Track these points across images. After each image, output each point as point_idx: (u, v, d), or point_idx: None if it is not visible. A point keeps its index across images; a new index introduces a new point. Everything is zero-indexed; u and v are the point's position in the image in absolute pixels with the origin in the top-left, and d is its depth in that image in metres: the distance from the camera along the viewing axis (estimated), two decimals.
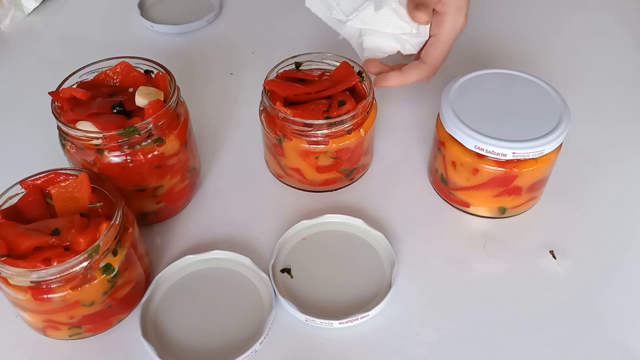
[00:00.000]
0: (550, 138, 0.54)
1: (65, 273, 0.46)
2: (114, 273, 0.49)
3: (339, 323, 0.52)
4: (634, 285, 0.56)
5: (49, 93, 0.55)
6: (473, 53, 0.80)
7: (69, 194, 0.51)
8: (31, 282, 0.46)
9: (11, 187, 0.51)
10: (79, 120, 0.53)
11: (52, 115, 0.54)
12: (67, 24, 0.88)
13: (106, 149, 0.53)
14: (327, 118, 0.58)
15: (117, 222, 0.49)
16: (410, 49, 0.64)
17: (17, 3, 0.86)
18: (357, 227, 0.59)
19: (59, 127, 0.54)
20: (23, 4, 0.86)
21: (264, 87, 0.60)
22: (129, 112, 0.55)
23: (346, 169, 0.62)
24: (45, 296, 0.47)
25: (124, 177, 0.55)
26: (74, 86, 0.56)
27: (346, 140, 0.59)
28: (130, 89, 0.57)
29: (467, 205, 0.61)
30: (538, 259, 0.58)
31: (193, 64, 0.80)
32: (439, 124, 0.59)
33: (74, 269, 0.46)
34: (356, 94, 0.61)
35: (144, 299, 0.53)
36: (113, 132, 0.52)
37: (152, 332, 0.52)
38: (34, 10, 0.88)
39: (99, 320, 0.51)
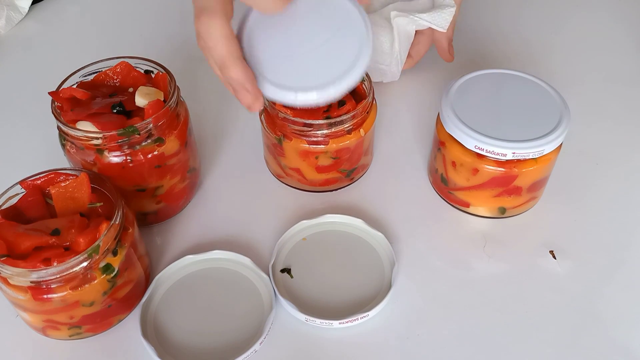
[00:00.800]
0: (550, 138, 0.54)
1: (65, 273, 0.46)
2: (114, 273, 0.49)
3: (339, 323, 0.52)
4: (634, 285, 0.56)
5: (49, 93, 0.55)
6: (473, 53, 0.80)
7: (69, 194, 0.51)
8: (31, 282, 0.46)
9: (11, 187, 0.51)
10: (79, 120, 0.53)
11: (52, 115, 0.54)
12: (66, 23, 0.88)
13: (106, 149, 0.53)
14: (327, 118, 0.58)
15: (117, 222, 0.49)
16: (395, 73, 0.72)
17: (10, 3, 0.86)
18: (357, 227, 0.59)
19: (59, 127, 0.54)
20: (17, 4, 0.86)
21: None
22: (129, 112, 0.55)
23: (346, 169, 0.62)
24: (45, 296, 0.47)
25: (124, 177, 0.55)
26: (74, 86, 0.56)
27: (346, 140, 0.59)
28: (130, 89, 0.57)
29: (467, 205, 0.61)
30: (538, 259, 0.58)
31: (193, 64, 0.80)
32: (439, 124, 0.59)
33: (74, 269, 0.46)
34: (356, 94, 0.61)
35: (144, 299, 0.53)
36: (113, 132, 0.52)
37: (152, 332, 0.52)
38: (32, 10, 0.88)
39: (99, 320, 0.51)
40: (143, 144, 0.54)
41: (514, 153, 0.54)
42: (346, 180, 0.64)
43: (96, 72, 0.58)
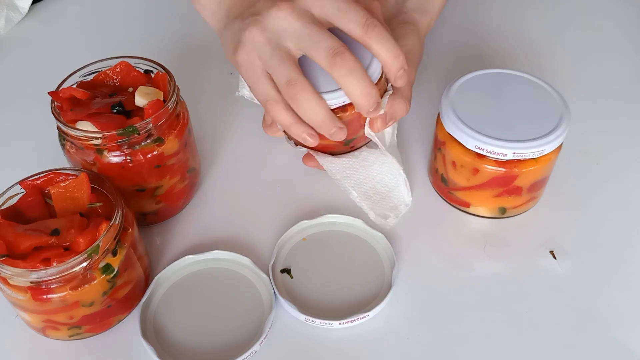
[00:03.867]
0: (550, 138, 0.54)
1: (64, 273, 0.46)
2: (113, 273, 0.49)
3: (339, 323, 0.52)
4: (634, 285, 0.56)
5: (48, 93, 0.54)
6: (473, 53, 0.80)
7: (68, 194, 0.51)
8: (31, 282, 0.46)
9: (11, 187, 0.51)
10: (79, 120, 0.53)
11: (52, 115, 0.54)
12: (66, 23, 0.88)
13: (106, 149, 0.53)
14: None
15: (116, 222, 0.49)
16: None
17: (10, 3, 0.86)
18: (357, 227, 0.59)
19: (58, 127, 0.54)
20: (17, 4, 0.86)
21: None
22: (128, 112, 0.55)
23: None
24: (44, 296, 0.47)
25: (124, 177, 0.54)
26: (74, 86, 0.56)
27: (337, 113, 0.56)
28: (130, 89, 0.57)
29: (468, 205, 0.61)
30: (538, 259, 0.58)
31: (193, 63, 0.80)
32: (439, 124, 0.59)
33: (74, 269, 0.46)
34: None
35: (143, 299, 0.53)
36: (113, 132, 0.52)
37: (151, 333, 0.52)
38: (32, 10, 0.88)
39: (99, 320, 0.51)
40: (143, 143, 0.54)
41: (514, 153, 0.54)
42: (346, 148, 0.61)
43: (96, 72, 0.58)
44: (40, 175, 0.52)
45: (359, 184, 0.61)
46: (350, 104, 0.57)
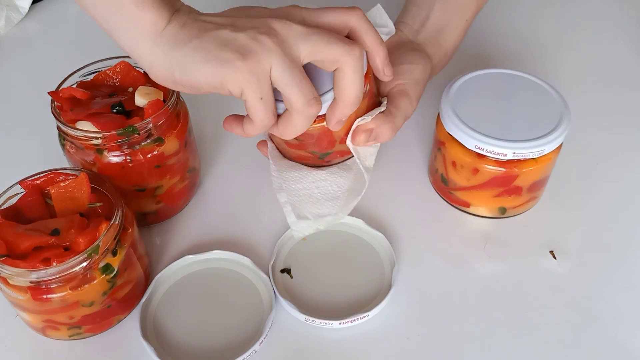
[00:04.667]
0: (550, 138, 0.54)
1: (64, 273, 0.46)
2: (113, 273, 0.49)
3: (339, 323, 0.52)
4: (634, 285, 0.56)
5: (48, 93, 0.55)
6: (473, 53, 0.80)
7: (68, 194, 0.51)
8: (30, 282, 0.46)
9: (11, 187, 0.51)
10: (79, 120, 0.53)
11: (52, 115, 0.54)
12: (66, 23, 0.88)
13: (106, 148, 0.53)
14: None
15: (116, 222, 0.49)
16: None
17: (10, 3, 0.86)
18: (357, 227, 0.59)
19: (58, 127, 0.54)
20: (17, 4, 0.86)
21: None
22: (128, 112, 0.55)
23: (317, 152, 0.57)
24: (44, 296, 0.47)
25: (124, 177, 0.54)
26: (74, 86, 0.56)
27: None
28: (130, 89, 0.57)
29: (468, 205, 0.61)
30: (538, 259, 0.58)
31: None
32: (439, 124, 0.59)
33: (74, 269, 0.46)
34: None
35: (143, 299, 0.53)
36: (113, 132, 0.52)
37: (151, 333, 0.52)
38: (32, 10, 0.88)
39: (99, 320, 0.51)
40: (143, 143, 0.54)
41: (514, 153, 0.54)
42: (321, 162, 0.58)
43: (96, 72, 0.58)
44: (40, 175, 0.52)
45: (293, 181, 0.57)
46: (319, 117, 0.51)
